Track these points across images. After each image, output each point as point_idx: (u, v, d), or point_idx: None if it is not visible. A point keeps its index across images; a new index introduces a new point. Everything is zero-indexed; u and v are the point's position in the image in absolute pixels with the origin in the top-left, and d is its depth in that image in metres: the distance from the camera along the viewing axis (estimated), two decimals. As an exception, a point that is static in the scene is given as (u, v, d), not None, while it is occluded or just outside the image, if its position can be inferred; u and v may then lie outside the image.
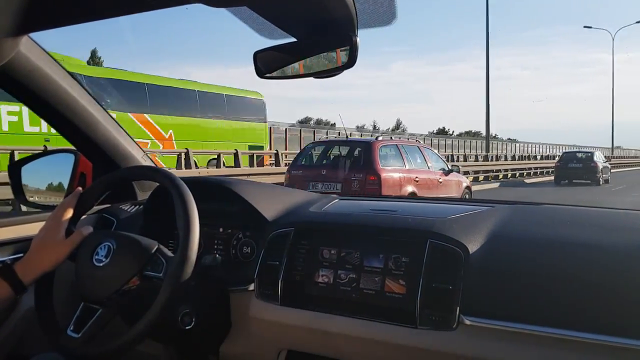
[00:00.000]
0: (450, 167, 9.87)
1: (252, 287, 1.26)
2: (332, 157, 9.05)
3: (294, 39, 1.04)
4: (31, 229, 1.43)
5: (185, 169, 12.55)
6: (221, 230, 1.42)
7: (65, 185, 1.61)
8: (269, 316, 1.23)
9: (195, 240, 1.10)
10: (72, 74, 1.45)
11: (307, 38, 1.04)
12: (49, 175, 1.65)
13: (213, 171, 13.15)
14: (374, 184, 7.95)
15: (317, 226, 1.28)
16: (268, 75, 1.11)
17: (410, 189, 8.43)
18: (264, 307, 1.24)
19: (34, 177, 1.62)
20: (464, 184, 10.24)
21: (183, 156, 12.93)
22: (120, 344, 1.09)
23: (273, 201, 1.39)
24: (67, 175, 1.62)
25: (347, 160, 8.43)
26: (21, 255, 1.30)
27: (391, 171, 8.29)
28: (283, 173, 9.84)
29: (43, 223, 1.22)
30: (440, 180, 9.33)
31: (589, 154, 21.51)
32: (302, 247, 1.24)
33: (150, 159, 1.73)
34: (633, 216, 1.22)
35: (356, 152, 8.58)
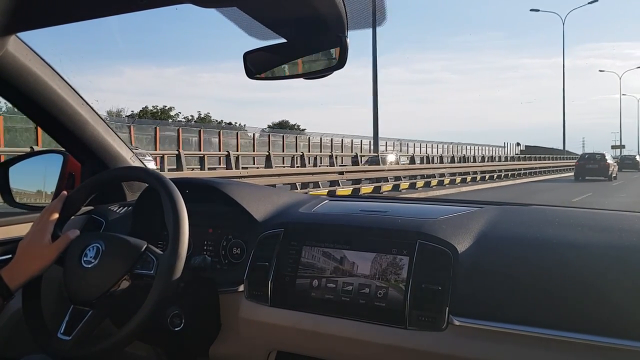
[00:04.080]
0: (612, 160, 28.85)
1: (241, 288, 1.26)
2: (590, 157, 28.15)
3: (283, 40, 1.04)
4: (20, 229, 1.41)
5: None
6: (211, 231, 1.42)
7: (54, 186, 1.60)
8: (259, 317, 1.23)
9: (185, 237, 1.10)
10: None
11: (297, 39, 1.04)
12: (37, 176, 1.63)
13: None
14: (607, 166, 26.49)
15: (307, 227, 1.28)
16: (258, 76, 1.11)
17: (612, 167, 27.05)
18: (254, 308, 1.23)
19: (22, 178, 1.61)
20: (616, 167, 28.68)
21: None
22: (113, 343, 1.08)
23: (262, 202, 1.39)
24: (55, 176, 1.60)
25: (596, 158, 27.30)
26: (9, 256, 1.29)
27: (609, 160, 27.66)
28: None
29: (31, 224, 1.22)
30: (613, 165, 27.64)
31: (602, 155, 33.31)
32: (292, 247, 1.24)
33: (140, 160, 1.72)
34: (621, 217, 1.23)
35: (598, 155, 27.76)
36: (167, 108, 38.32)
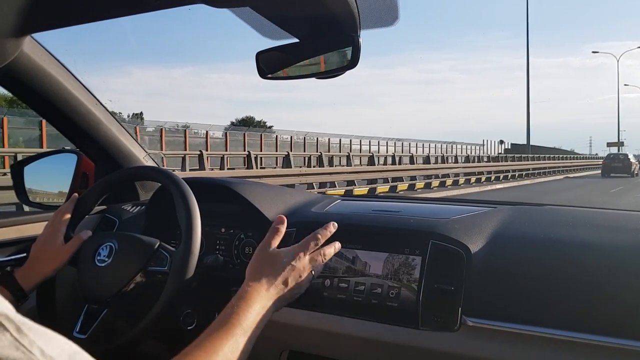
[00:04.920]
0: (635, 159, 34.78)
1: None
2: (615, 156, 35.21)
3: (296, 40, 1.04)
4: (34, 228, 1.43)
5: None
6: (223, 230, 1.42)
7: (68, 186, 1.61)
8: (271, 316, 1.23)
9: (197, 233, 1.10)
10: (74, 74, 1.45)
11: (309, 38, 1.04)
12: (51, 176, 1.65)
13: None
14: (630, 164, 32.78)
15: (319, 227, 1.28)
16: (270, 75, 1.11)
17: (634, 165, 33.54)
18: None
19: (37, 178, 1.62)
20: (638, 165, 34.42)
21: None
22: (127, 340, 1.09)
23: (275, 201, 1.39)
24: (69, 175, 1.62)
25: (620, 158, 34.43)
26: (24, 255, 1.30)
27: (632, 159, 34.00)
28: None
29: (45, 223, 1.23)
30: (635, 163, 33.97)
31: (625, 155, 38.63)
32: None
33: (153, 159, 1.73)
34: (636, 217, 1.21)
35: (621, 155, 35.11)
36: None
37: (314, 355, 1.22)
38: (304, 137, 33.03)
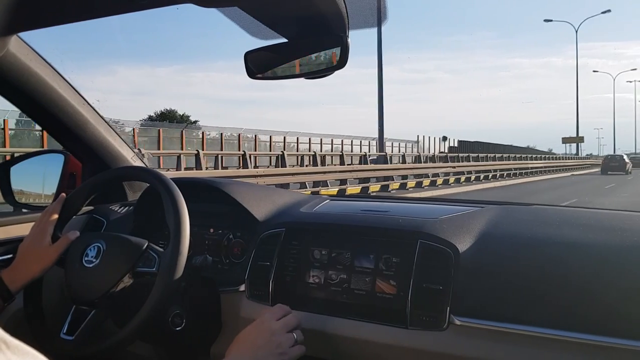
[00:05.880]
0: (628, 160, 38.75)
1: (242, 287, 1.26)
2: (612, 157, 38.99)
3: (285, 40, 1.04)
4: (21, 229, 1.42)
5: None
6: (211, 231, 1.42)
7: (55, 186, 1.60)
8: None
9: (186, 234, 1.10)
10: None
11: (298, 38, 1.04)
12: (38, 176, 1.63)
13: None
14: (625, 164, 36.12)
15: (308, 226, 1.28)
16: (259, 75, 1.11)
17: (629, 165, 36.78)
18: (255, 307, 1.23)
19: (23, 178, 1.61)
20: (631, 165, 38.09)
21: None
22: (116, 341, 1.09)
23: (263, 201, 1.39)
24: (56, 175, 1.60)
25: (617, 158, 37.88)
26: (10, 256, 1.29)
27: (626, 159, 37.37)
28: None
29: (32, 224, 1.22)
30: (629, 163, 37.60)
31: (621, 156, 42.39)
32: (293, 247, 1.24)
33: (141, 160, 1.72)
34: (623, 217, 1.22)
35: (617, 157, 38.77)
36: None
37: (303, 355, 1.22)
38: (221, 134, 27.73)
